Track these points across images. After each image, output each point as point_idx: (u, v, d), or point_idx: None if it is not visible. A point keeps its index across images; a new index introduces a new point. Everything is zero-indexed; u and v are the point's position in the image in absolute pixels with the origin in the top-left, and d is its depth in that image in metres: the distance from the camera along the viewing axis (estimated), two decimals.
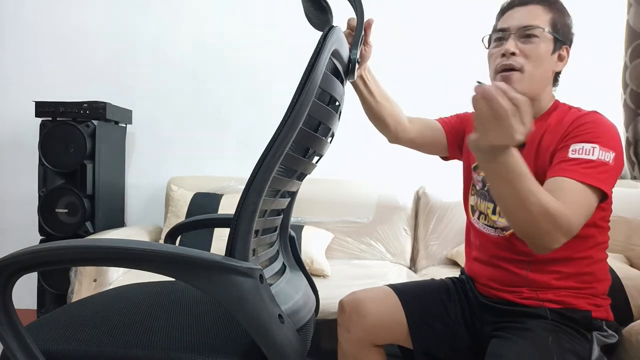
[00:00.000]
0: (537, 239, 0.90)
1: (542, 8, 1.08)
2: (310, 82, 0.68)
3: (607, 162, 0.97)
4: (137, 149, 2.56)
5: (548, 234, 0.88)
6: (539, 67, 1.07)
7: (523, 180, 0.85)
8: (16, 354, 0.65)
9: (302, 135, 0.72)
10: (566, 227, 0.88)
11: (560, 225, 0.87)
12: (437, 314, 1.17)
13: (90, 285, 1.82)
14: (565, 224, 0.88)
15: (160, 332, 0.76)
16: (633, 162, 2.13)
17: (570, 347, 0.98)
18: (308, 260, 1.95)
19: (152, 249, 0.64)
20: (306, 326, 0.86)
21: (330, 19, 0.90)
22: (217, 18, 2.52)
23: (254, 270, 0.65)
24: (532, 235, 0.90)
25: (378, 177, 2.45)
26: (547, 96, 1.13)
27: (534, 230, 0.89)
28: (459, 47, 2.38)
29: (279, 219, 0.94)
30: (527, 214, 0.86)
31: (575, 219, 0.90)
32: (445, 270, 2.05)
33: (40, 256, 0.65)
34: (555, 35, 1.07)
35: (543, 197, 0.87)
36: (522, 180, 0.85)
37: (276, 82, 2.47)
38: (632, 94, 2.10)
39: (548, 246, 0.90)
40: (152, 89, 2.53)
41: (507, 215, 0.92)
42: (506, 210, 0.91)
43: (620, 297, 1.26)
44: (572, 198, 0.93)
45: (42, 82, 2.50)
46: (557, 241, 0.89)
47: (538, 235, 0.89)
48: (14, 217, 2.49)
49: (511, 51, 1.06)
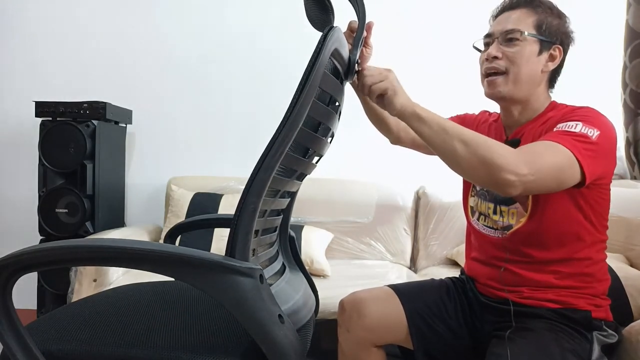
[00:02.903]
0: (483, 175, 0.91)
1: (527, 11, 1.09)
2: (310, 82, 0.68)
3: (589, 136, 0.96)
4: (137, 149, 2.56)
5: (489, 167, 0.89)
6: (523, 69, 1.08)
7: (445, 120, 0.95)
8: (16, 354, 0.65)
9: (302, 136, 0.72)
10: (508, 167, 0.88)
11: (497, 169, 0.88)
12: (437, 314, 1.17)
13: (90, 285, 1.82)
14: (506, 164, 0.88)
15: (160, 332, 0.76)
16: (633, 162, 2.13)
17: (571, 347, 0.98)
18: (308, 260, 1.95)
19: (152, 249, 0.65)
20: (306, 326, 0.86)
21: (331, 19, 0.90)
22: (217, 18, 2.52)
23: (254, 270, 0.65)
24: (476, 170, 0.91)
25: (378, 177, 2.44)
26: (541, 97, 1.13)
27: (474, 165, 0.90)
28: (459, 48, 2.38)
29: (279, 219, 0.95)
30: (463, 151, 0.91)
31: (527, 164, 0.89)
32: (445, 270, 2.05)
33: (40, 256, 0.65)
34: (538, 37, 1.07)
35: (478, 135, 0.93)
36: (443, 120, 0.95)
37: (276, 82, 2.47)
38: (632, 94, 2.10)
39: (499, 184, 0.90)
40: (152, 89, 2.53)
41: (449, 159, 0.95)
42: (445, 152, 0.94)
43: (620, 297, 1.26)
44: (532, 149, 0.95)
45: (42, 82, 2.50)
46: (504, 180, 0.88)
47: (482, 171, 0.90)
48: (14, 217, 2.49)
49: (493, 55, 1.09)
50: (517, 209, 1.10)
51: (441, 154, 0.96)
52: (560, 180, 0.95)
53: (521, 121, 1.14)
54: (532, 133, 1.09)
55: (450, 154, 0.93)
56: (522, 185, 0.90)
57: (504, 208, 1.12)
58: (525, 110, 1.13)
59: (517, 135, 1.13)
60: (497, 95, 1.11)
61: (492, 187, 0.96)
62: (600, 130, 0.97)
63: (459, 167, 0.94)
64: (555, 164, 0.93)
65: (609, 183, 1.05)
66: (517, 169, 0.88)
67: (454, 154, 0.92)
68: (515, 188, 0.90)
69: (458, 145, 0.91)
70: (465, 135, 0.92)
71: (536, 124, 1.10)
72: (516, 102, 1.12)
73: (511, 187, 0.89)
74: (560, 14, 1.12)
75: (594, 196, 1.04)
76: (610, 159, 1.02)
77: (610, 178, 1.05)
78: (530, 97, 1.11)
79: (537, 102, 1.12)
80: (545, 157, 0.92)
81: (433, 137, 0.94)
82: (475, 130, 0.99)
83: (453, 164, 0.95)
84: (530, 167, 0.89)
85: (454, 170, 0.97)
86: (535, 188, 0.95)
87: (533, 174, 0.89)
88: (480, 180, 0.96)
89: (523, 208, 1.09)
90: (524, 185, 0.90)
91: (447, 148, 0.93)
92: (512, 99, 1.11)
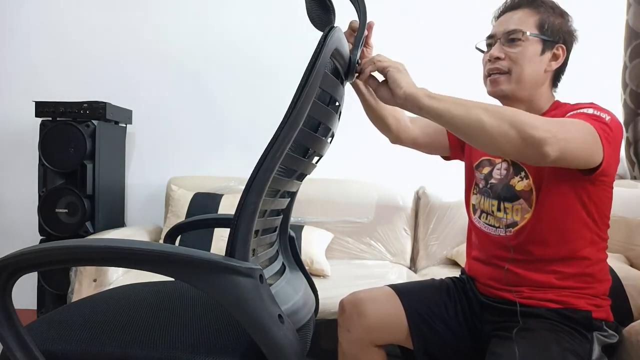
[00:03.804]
0: (516, 139, 0.86)
1: (529, 11, 1.09)
2: (310, 82, 0.68)
3: (603, 117, 0.96)
4: (137, 149, 2.56)
5: (522, 128, 0.85)
6: (526, 69, 1.08)
7: (456, 97, 0.92)
8: (16, 354, 0.65)
9: (302, 136, 0.72)
10: (542, 126, 0.85)
11: (529, 127, 0.84)
12: (437, 314, 1.17)
13: (90, 285, 1.82)
14: (538, 123, 0.85)
15: (159, 332, 0.76)
16: (633, 162, 2.13)
17: (571, 347, 0.98)
18: (308, 260, 1.95)
19: (152, 249, 0.64)
20: (306, 326, 0.86)
21: (332, 19, 0.90)
22: (217, 18, 2.52)
23: (254, 270, 0.65)
24: (508, 135, 0.86)
25: (378, 177, 2.44)
26: (545, 96, 1.13)
27: (505, 130, 0.86)
28: (459, 47, 2.38)
29: (278, 219, 0.95)
30: (489, 118, 0.86)
31: (557, 127, 0.87)
32: (445, 270, 2.05)
33: (40, 256, 0.65)
34: (540, 36, 1.07)
35: (496, 104, 0.92)
36: (455, 97, 0.91)
37: (277, 82, 2.47)
38: (632, 94, 2.10)
39: (534, 145, 0.85)
40: (152, 89, 2.53)
41: (476, 131, 0.88)
42: (469, 123, 0.88)
43: (620, 297, 1.26)
44: (558, 119, 0.93)
45: (42, 82, 2.50)
46: (540, 139, 0.84)
47: (515, 135, 0.85)
48: (13, 217, 2.49)
49: (495, 56, 1.10)
50: (521, 205, 1.10)
51: (466, 126, 0.89)
52: (588, 151, 0.93)
53: None
54: None
55: (476, 125, 0.87)
56: (558, 144, 0.86)
57: (508, 205, 1.12)
58: (529, 109, 1.12)
59: None
60: (500, 94, 1.11)
61: (527, 151, 0.87)
62: (610, 117, 0.99)
63: (489, 136, 0.88)
64: (582, 133, 0.92)
65: (612, 181, 1.06)
66: (550, 127, 0.86)
67: (480, 123, 0.87)
68: (551, 146, 0.85)
69: (482, 113, 0.87)
70: (485, 104, 0.89)
71: None
72: (519, 101, 1.12)
73: (547, 145, 0.85)
74: (563, 12, 1.12)
75: (597, 193, 1.04)
76: (618, 153, 1.03)
77: (614, 176, 1.05)
78: (533, 97, 1.11)
79: (541, 101, 1.13)
80: (572, 125, 0.92)
81: (452, 111, 0.89)
82: None
83: (481, 134, 0.88)
84: (562, 130, 0.88)
85: (480, 143, 0.91)
86: (569, 152, 0.89)
87: (565, 136, 0.87)
88: (513, 146, 0.88)
89: (527, 204, 1.09)
90: (559, 144, 0.86)
91: (472, 119, 0.87)
92: (515, 98, 1.11)
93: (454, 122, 0.90)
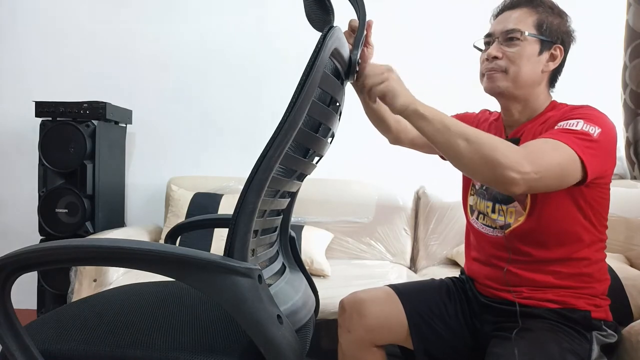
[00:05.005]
0: (486, 173, 0.91)
1: (528, 10, 1.09)
2: (309, 82, 0.68)
3: (591, 133, 0.96)
4: (137, 149, 2.56)
5: (493, 166, 0.88)
6: (524, 69, 1.08)
7: (447, 117, 0.95)
8: (15, 354, 0.65)
9: (302, 136, 0.72)
10: (512, 165, 0.87)
11: (500, 167, 0.87)
12: (437, 314, 1.17)
13: (90, 285, 1.82)
14: (509, 162, 0.87)
15: (159, 332, 0.76)
16: (633, 162, 2.13)
17: (570, 347, 0.98)
18: (308, 260, 1.95)
19: (152, 249, 0.64)
20: (305, 327, 0.86)
21: (331, 20, 0.90)
22: (217, 18, 2.52)
23: (253, 270, 0.65)
24: (479, 168, 0.91)
25: (378, 177, 2.44)
26: (541, 96, 1.13)
27: (477, 163, 0.90)
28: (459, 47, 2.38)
29: (278, 219, 0.94)
30: (467, 150, 0.90)
31: (530, 163, 0.88)
32: (445, 270, 2.05)
33: (40, 256, 0.65)
34: (539, 37, 1.07)
35: (481, 133, 0.93)
36: (446, 117, 0.95)
37: (276, 82, 2.47)
38: (632, 94, 2.10)
39: (502, 182, 0.89)
40: (152, 89, 2.53)
41: (452, 157, 0.94)
42: (448, 150, 0.93)
43: (620, 297, 1.26)
44: (535, 146, 0.94)
45: (42, 82, 2.50)
46: (507, 179, 0.87)
47: (485, 169, 0.90)
48: (13, 217, 2.49)
49: (493, 55, 1.09)
50: (515, 208, 1.10)
51: (444, 151, 0.95)
52: (563, 178, 0.94)
53: (521, 120, 1.14)
54: (531, 132, 1.09)
55: (453, 152, 0.93)
56: (526, 184, 0.89)
57: (503, 207, 1.12)
58: (525, 109, 1.13)
59: (517, 134, 1.13)
60: (496, 90, 1.11)
61: (495, 185, 0.95)
62: (601, 128, 0.97)
63: (462, 165, 0.94)
64: (558, 162, 0.92)
65: (609, 182, 1.05)
66: (521, 167, 0.88)
67: (456, 151, 0.92)
68: (518, 186, 0.89)
69: (461, 143, 0.91)
70: (468, 132, 0.92)
71: (536, 123, 1.10)
72: (516, 100, 1.12)
73: (514, 186, 0.89)
74: (561, 13, 1.11)
75: (593, 195, 1.04)
76: (611, 157, 1.02)
77: (610, 177, 1.05)
78: (530, 97, 1.11)
79: (537, 101, 1.12)
80: (548, 155, 0.92)
81: (435, 135, 0.94)
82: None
83: (456, 161, 0.95)
84: (534, 166, 0.89)
85: (457, 167, 0.97)
86: (538, 186, 0.94)
87: (536, 172, 0.89)
88: (483, 179, 0.96)
89: (521, 207, 1.09)
90: (527, 184, 0.89)
91: (450, 146, 0.92)
92: (511, 96, 1.11)
93: (435, 144, 0.96)
